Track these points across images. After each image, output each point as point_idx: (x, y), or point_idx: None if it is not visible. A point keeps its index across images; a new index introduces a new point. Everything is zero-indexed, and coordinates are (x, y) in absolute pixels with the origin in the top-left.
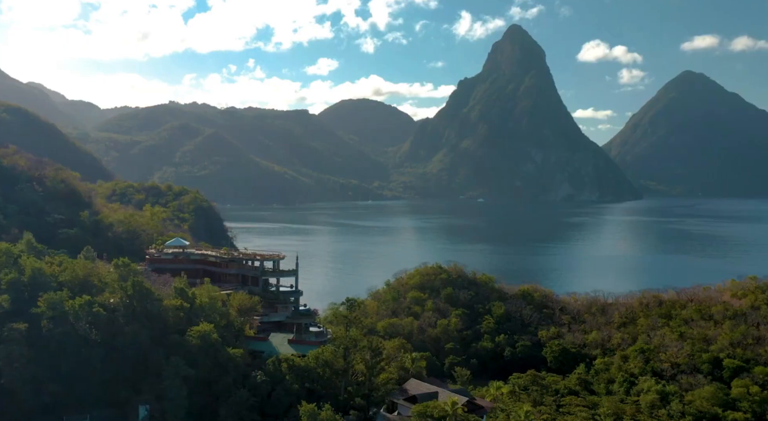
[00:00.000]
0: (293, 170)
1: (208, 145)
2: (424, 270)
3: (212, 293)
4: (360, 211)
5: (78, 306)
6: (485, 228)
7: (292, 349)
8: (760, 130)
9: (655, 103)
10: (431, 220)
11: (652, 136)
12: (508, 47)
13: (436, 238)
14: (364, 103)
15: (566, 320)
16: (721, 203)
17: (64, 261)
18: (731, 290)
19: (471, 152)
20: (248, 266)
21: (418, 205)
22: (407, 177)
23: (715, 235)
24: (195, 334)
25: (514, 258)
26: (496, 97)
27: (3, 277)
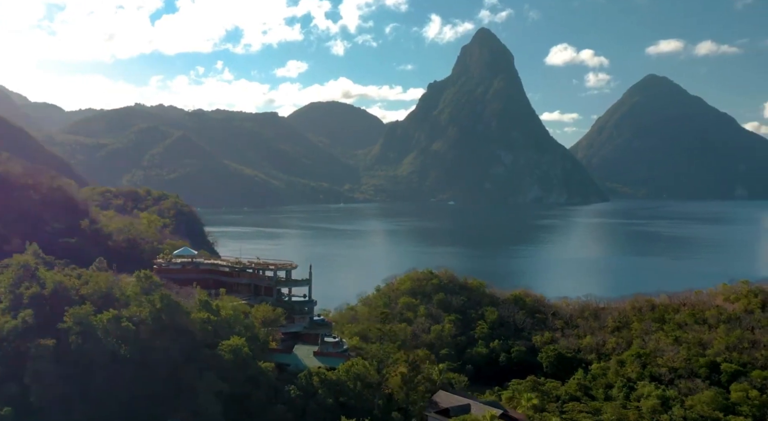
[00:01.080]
0: (264, 173)
1: (176, 148)
2: (414, 275)
3: (235, 305)
4: (332, 214)
5: (106, 321)
6: (458, 231)
7: (319, 361)
8: (722, 133)
9: (620, 107)
10: (404, 223)
11: (617, 139)
12: (477, 51)
13: (412, 241)
14: (333, 106)
15: (559, 324)
16: (685, 205)
17: (83, 274)
18: (723, 293)
19: (441, 155)
20: (261, 275)
21: (390, 208)
22: (378, 180)
23: (685, 237)
24: (226, 348)
25: (491, 261)
26: (466, 100)
27: (24, 291)
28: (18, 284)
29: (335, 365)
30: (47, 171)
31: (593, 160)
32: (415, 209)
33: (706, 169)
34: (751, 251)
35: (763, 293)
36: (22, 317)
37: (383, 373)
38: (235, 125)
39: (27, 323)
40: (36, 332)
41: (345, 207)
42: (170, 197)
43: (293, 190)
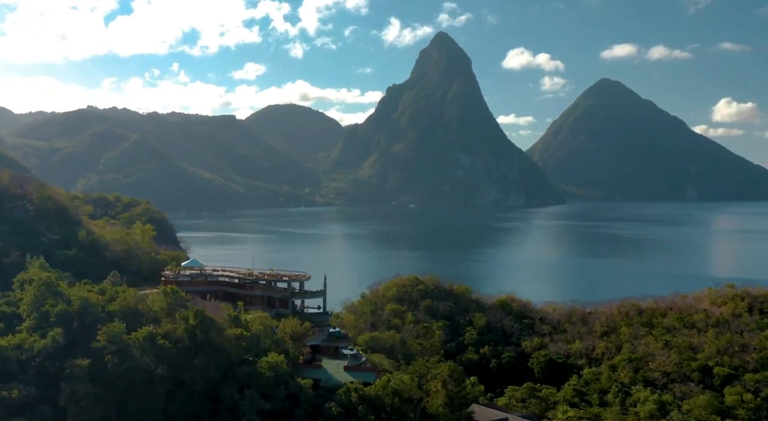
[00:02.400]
0: (222, 177)
1: (133, 152)
2: (399, 281)
3: (264, 319)
4: (293, 218)
5: (141, 339)
6: (423, 235)
7: (350, 376)
8: (672, 136)
9: (574, 110)
10: (367, 227)
11: (572, 142)
12: (435, 54)
13: (379, 246)
14: (291, 109)
15: (547, 329)
16: (639, 207)
17: (106, 289)
18: (709, 297)
19: (401, 158)
20: (275, 287)
21: (351, 212)
22: (338, 183)
23: (644, 239)
24: (265, 365)
25: (460, 265)
26: (425, 104)
27: (50, 308)
28: (42, 302)
29: (368, 379)
30: (33, 179)
31: (549, 162)
32: (377, 213)
33: (658, 171)
34: (708, 252)
35: (749, 296)
36: (52, 336)
37: (425, 388)
38: (192, 128)
39: (57, 342)
40: (67, 352)
41: (306, 211)
42: (141, 203)
43: (253, 193)
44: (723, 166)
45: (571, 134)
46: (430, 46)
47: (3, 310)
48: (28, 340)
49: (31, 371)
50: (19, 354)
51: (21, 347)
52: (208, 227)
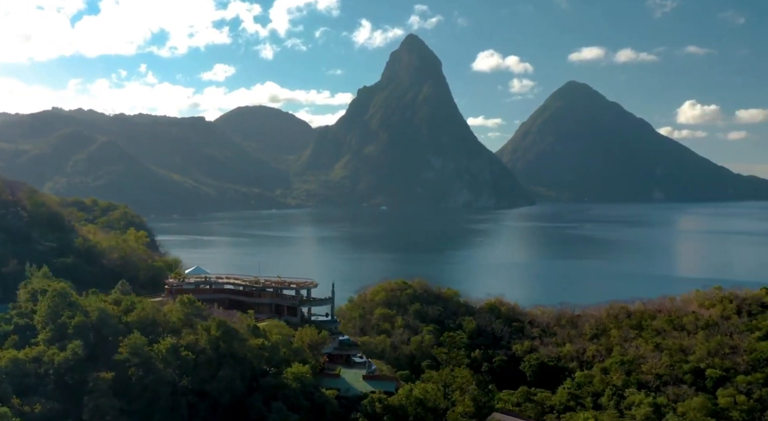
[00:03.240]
0: (192, 179)
1: (101, 154)
2: (387, 285)
3: (281, 328)
4: (265, 220)
5: (165, 351)
6: (397, 236)
7: (370, 385)
8: (638, 137)
9: (542, 112)
10: (341, 229)
11: (540, 143)
12: (405, 56)
13: (356, 248)
14: (261, 110)
15: (536, 333)
16: (607, 208)
17: (121, 299)
18: (697, 299)
19: (373, 160)
20: (283, 294)
21: (323, 214)
22: (310, 185)
23: (617, 240)
24: (291, 376)
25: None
26: (396, 106)
27: (67, 320)
28: (58, 313)
29: (389, 388)
30: (25, 184)
31: (518, 164)
32: (349, 214)
33: (624, 172)
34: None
35: (737, 298)
36: (72, 349)
37: (451, 398)
38: (161, 130)
39: (77, 355)
40: (87, 364)
41: (277, 213)
42: (119, 207)
43: (224, 196)
44: (688, 167)
45: (539, 136)
46: (400, 48)
47: (16, 321)
48: (47, 353)
49: (51, 385)
50: (38, 367)
51: (39, 360)
52: (179, 230)
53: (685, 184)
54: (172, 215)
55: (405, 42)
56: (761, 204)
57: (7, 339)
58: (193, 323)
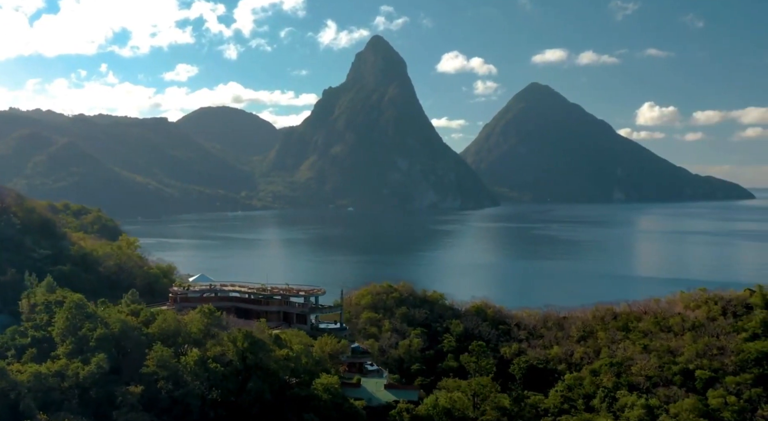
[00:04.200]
0: (156, 181)
1: (62, 156)
2: (373, 289)
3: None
4: (232, 223)
5: (192, 363)
6: (367, 238)
7: (392, 395)
8: (599, 139)
9: (505, 114)
10: (309, 231)
11: (503, 145)
12: (371, 57)
13: (325, 250)
14: (224, 111)
15: (523, 335)
16: (569, 208)
17: (139, 310)
18: (683, 301)
19: (339, 161)
20: (292, 302)
21: (290, 216)
22: (275, 186)
23: (583, 240)
24: (320, 387)
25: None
26: (361, 107)
27: (88, 333)
28: (77, 325)
29: (412, 397)
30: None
31: (481, 165)
32: (316, 216)
33: (586, 173)
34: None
35: (722, 300)
36: (96, 362)
37: (481, 408)
38: (122, 131)
39: (102, 368)
40: (112, 378)
41: (243, 215)
42: (92, 211)
43: (188, 198)
44: (647, 168)
45: (502, 137)
46: (365, 49)
47: (33, 335)
48: (71, 366)
49: (76, 400)
50: (61, 381)
51: (62, 374)
52: (145, 232)
53: (644, 185)
54: (136, 217)
55: (370, 43)
56: (717, 204)
57: (25, 353)
58: (212, 333)
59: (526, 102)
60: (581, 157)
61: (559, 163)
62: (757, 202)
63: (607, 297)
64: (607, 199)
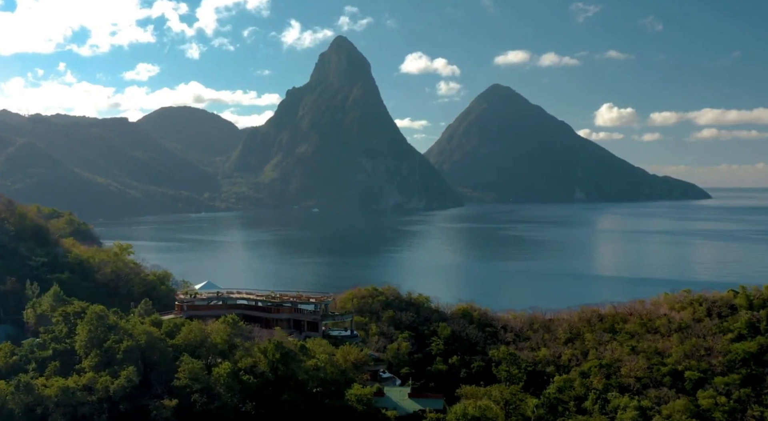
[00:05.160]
0: (118, 182)
1: (20, 156)
2: (358, 293)
3: (326, 347)
4: (195, 224)
5: (225, 375)
6: (333, 239)
7: (417, 404)
8: (560, 139)
9: (468, 115)
10: (275, 232)
11: (466, 145)
12: (335, 58)
13: (295, 252)
14: (185, 111)
15: (510, 337)
16: (532, 209)
17: (161, 321)
18: (667, 302)
19: (303, 162)
20: (302, 309)
21: (254, 217)
22: (239, 187)
23: (549, 240)
24: (354, 398)
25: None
26: (326, 108)
27: (114, 345)
28: (101, 337)
29: (437, 406)
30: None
31: (444, 166)
32: (281, 217)
33: (547, 174)
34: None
35: (706, 301)
36: (126, 376)
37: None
38: (82, 131)
39: (132, 382)
40: (143, 391)
41: (207, 216)
42: (63, 215)
43: (151, 199)
44: (607, 168)
45: (465, 138)
46: (329, 50)
47: (54, 347)
48: (99, 380)
49: (105, 414)
50: (89, 395)
51: (91, 388)
52: (108, 234)
53: (604, 185)
54: (98, 219)
55: (334, 43)
56: (675, 204)
57: (47, 366)
58: (236, 343)
59: (488, 103)
60: (543, 157)
61: (521, 164)
62: (713, 202)
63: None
64: (568, 199)
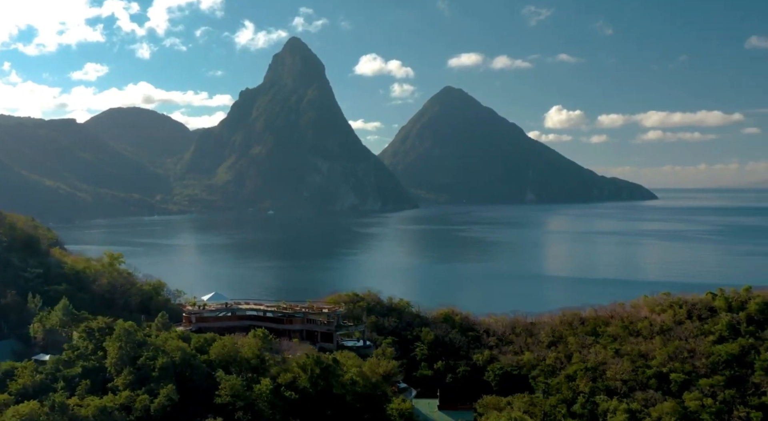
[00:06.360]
0: (67, 185)
1: None
2: (338, 298)
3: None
4: (149, 228)
5: (267, 391)
6: (292, 242)
7: (447, 416)
8: (511, 141)
9: (421, 116)
10: (232, 235)
11: (419, 147)
12: (288, 59)
13: (255, 256)
14: (135, 112)
15: (493, 341)
16: (485, 210)
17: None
18: (647, 305)
19: (258, 164)
20: (315, 320)
21: (208, 220)
22: (192, 189)
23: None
24: (395, 412)
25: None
26: (280, 109)
27: (148, 362)
28: (132, 354)
29: (467, 418)
30: None
31: (398, 167)
32: (236, 220)
33: (499, 175)
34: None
35: (686, 303)
36: (166, 394)
37: None
38: (27, 132)
39: (172, 400)
40: (180, 409)
41: (160, 219)
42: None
43: (101, 202)
44: (557, 170)
45: (418, 140)
46: (283, 51)
47: (84, 365)
48: (138, 399)
49: None
50: (127, 415)
51: (129, 408)
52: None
53: (554, 186)
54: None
55: (287, 45)
56: (624, 204)
57: (79, 385)
58: (265, 357)
59: (441, 105)
60: (494, 159)
61: (474, 166)
62: (659, 203)
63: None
64: (519, 201)
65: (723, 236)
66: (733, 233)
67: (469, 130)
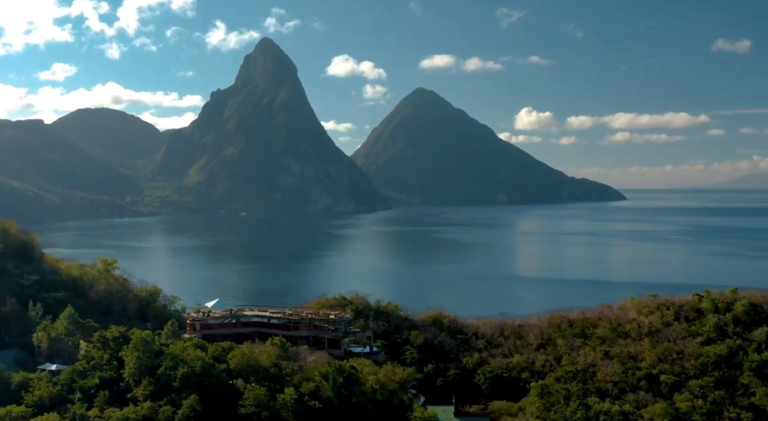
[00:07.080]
0: (35, 186)
1: None
2: (326, 302)
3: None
4: (120, 230)
5: (292, 401)
6: (266, 244)
7: None
8: (482, 143)
9: (393, 118)
10: (205, 237)
11: (392, 148)
12: (260, 60)
13: (230, 258)
14: (103, 112)
15: (482, 344)
16: (457, 211)
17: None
18: (635, 307)
19: (230, 165)
20: (321, 327)
21: (181, 222)
22: (163, 191)
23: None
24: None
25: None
26: (252, 110)
27: (168, 372)
28: (150, 364)
29: None
30: None
31: (371, 168)
32: (209, 222)
33: (470, 176)
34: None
35: (673, 305)
36: (188, 404)
37: None
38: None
39: (196, 411)
40: (206, 419)
41: (130, 221)
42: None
43: (71, 204)
44: (527, 171)
45: (390, 141)
46: (254, 52)
47: (101, 375)
48: (161, 410)
49: None
50: None
51: (152, 419)
52: None
53: (525, 187)
54: None
55: (259, 45)
56: (593, 205)
57: (97, 396)
58: (281, 366)
59: (413, 106)
60: (466, 160)
61: (446, 167)
62: (628, 204)
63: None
64: (490, 202)
65: (691, 236)
66: (701, 233)
67: (440, 132)
